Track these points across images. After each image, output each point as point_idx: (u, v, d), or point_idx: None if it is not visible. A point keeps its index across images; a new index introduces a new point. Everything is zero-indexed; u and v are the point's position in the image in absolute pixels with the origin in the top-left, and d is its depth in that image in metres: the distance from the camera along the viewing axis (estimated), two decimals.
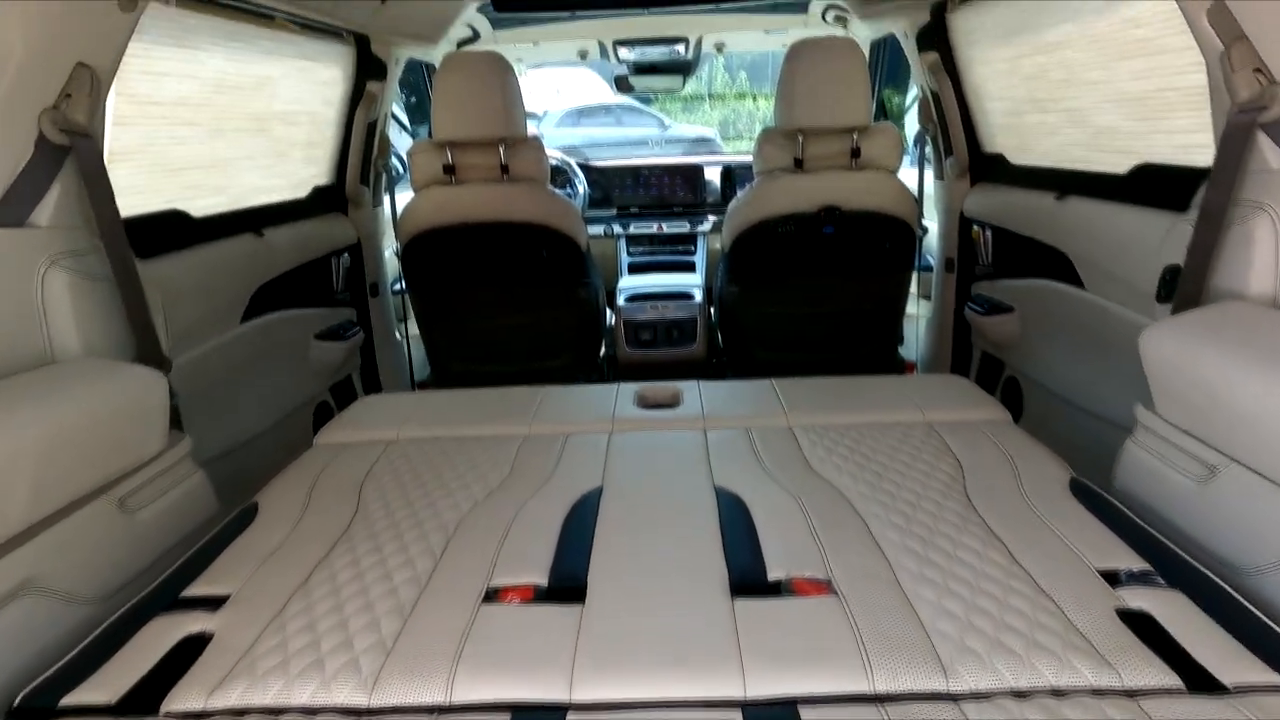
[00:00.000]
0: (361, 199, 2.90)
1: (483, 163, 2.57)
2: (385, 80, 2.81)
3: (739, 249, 2.65)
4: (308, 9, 2.06)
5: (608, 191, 4.27)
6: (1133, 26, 1.73)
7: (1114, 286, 1.88)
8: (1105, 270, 1.92)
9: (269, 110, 2.30)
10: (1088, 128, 2.06)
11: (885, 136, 2.56)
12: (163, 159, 1.90)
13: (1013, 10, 2.18)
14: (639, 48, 3.70)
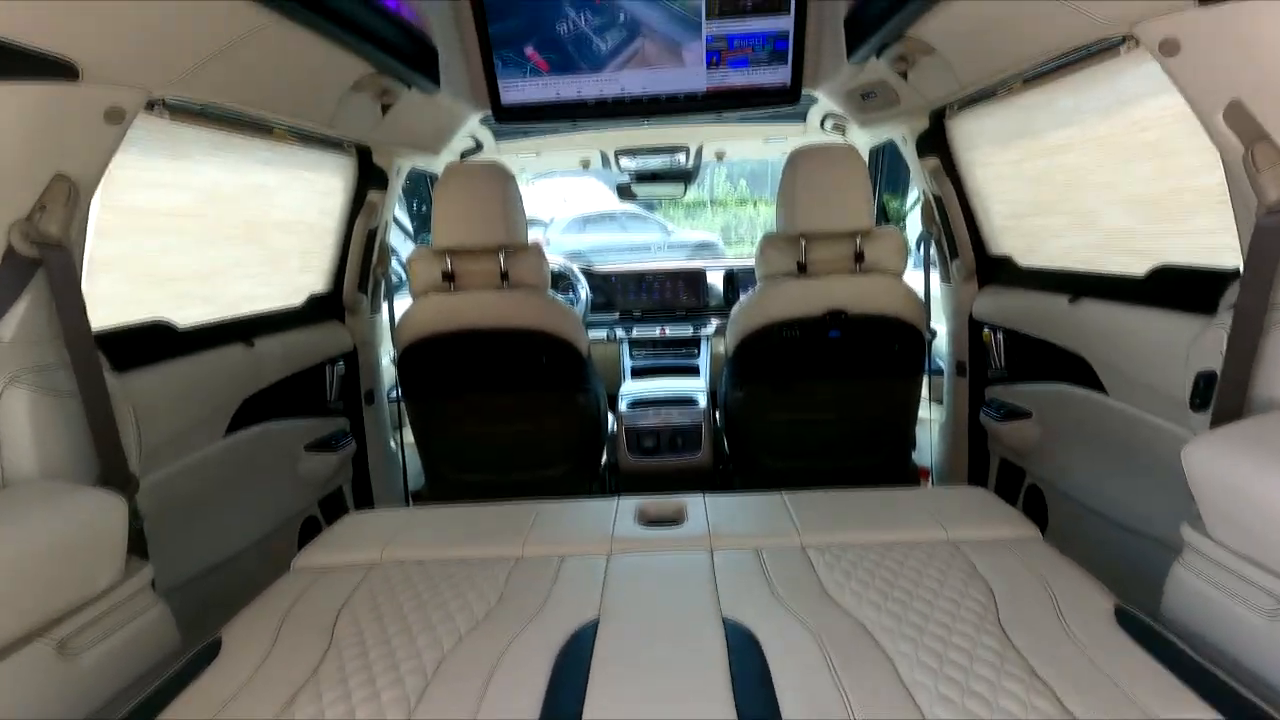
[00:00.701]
0: (359, 306, 2.86)
1: (482, 270, 2.54)
2: (386, 190, 2.82)
3: (743, 353, 2.58)
4: (308, 122, 2.07)
5: (610, 296, 4.26)
6: (1139, 130, 1.70)
7: (1141, 392, 1.79)
8: (1130, 375, 1.83)
9: (265, 219, 2.28)
10: (1098, 230, 2.02)
11: (889, 240, 2.53)
12: (149, 269, 1.85)
13: (1012, 115, 2.18)
14: (640, 157, 3.76)
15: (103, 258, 1.66)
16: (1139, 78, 1.63)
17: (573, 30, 2.46)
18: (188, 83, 1.46)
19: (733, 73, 2.55)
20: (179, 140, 1.79)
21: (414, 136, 2.73)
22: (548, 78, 2.57)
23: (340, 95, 2.02)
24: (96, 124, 1.33)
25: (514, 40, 2.48)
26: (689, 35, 2.46)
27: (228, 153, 1.99)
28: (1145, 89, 1.63)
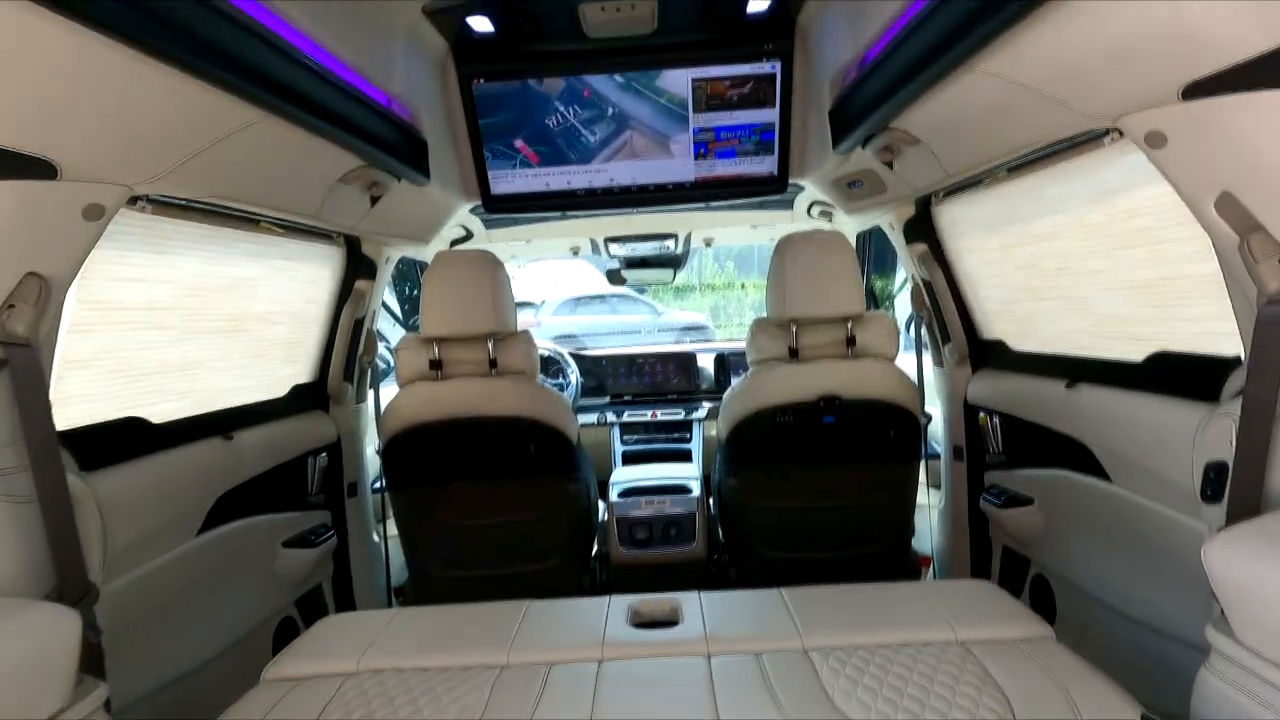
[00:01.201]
0: (344, 396, 2.80)
1: (470, 358, 2.50)
2: (375, 279, 2.80)
3: (736, 439, 2.52)
4: (295, 214, 2.06)
5: (601, 380, 4.23)
6: (1129, 217, 1.71)
7: (1146, 479, 1.74)
8: (1133, 462, 1.79)
9: (248, 311, 2.24)
10: (1092, 315, 2.01)
11: (880, 325, 2.52)
12: (124, 365, 1.80)
13: (998, 202, 2.20)
14: (630, 243, 3.79)
15: (76, 355, 1.61)
16: (1126, 168, 1.64)
17: (562, 123, 2.50)
18: (171, 179, 1.44)
19: (720, 163, 2.59)
20: (161, 234, 1.77)
21: (403, 227, 2.73)
22: (537, 169, 2.60)
23: (328, 187, 2.02)
24: (74, 221, 1.30)
25: (504, 133, 2.52)
26: (676, 127, 2.50)
27: (211, 245, 1.97)
28: (1133, 179, 1.64)
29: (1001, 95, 1.50)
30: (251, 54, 1.29)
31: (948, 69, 1.48)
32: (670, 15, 2.07)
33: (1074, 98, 1.38)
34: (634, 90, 2.43)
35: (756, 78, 2.39)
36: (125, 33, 0.98)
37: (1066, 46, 1.23)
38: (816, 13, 2.08)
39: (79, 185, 1.26)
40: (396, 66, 1.96)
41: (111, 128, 1.20)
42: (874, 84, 1.86)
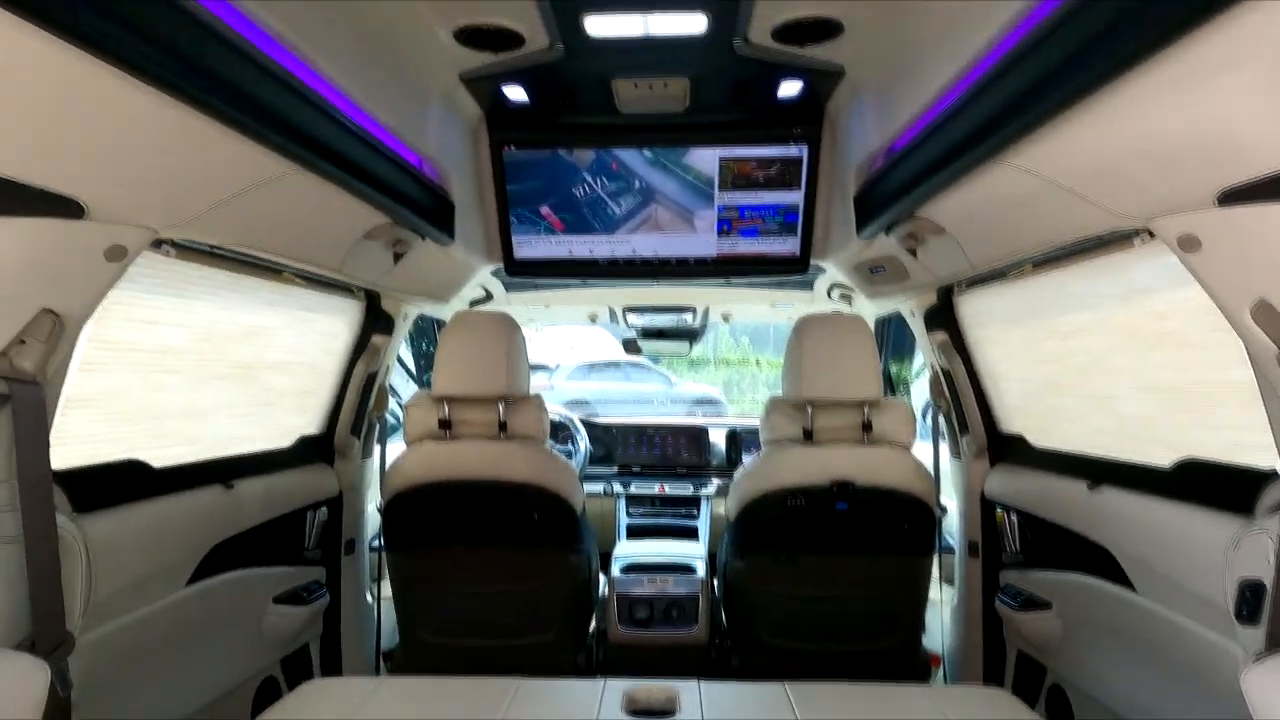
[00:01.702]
0: (349, 450, 2.77)
1: (480, 419, 2.48)
2: (392, 334, 2.80)
3: (745, 520, 2.46)
4: (317, 266, 2.07)
5: (610, 449, 4.18)
6: (1158, 319, 1.68)
7: (1174, 592, 1.66)
8: (1160, 573, 1.71)
9: (261, 359, 2.24)
10: (1116, 416, 1.96)
11: (897, 412, 2.48)
12: (130, 406, 1.78)
13: (1023, 296, 2.18)
14: (648, 314, 3.79)
15: (83, 394, 1.60)
16: (1156, 269, 1.62)
17: (589, 194, 2.52)
18: (196, 224, 1.45)
19: (743, 241, 2.59)
20: (182, 278, 1.77)
21: (424, 285, 2.74)
22: (562, 236, 2.61)
23: (353, 242, 2.03)
24: (95, 261, 1.30)
25: (531, 199, 2.54)
26: (701, 204, 2.52)
27: (231, 292, 1.97)
28: (1163, 280, 1.62)
29: (1031, 190, 1.49)
30: (287, 108, 1.30)
31: (977, 161, 1.48)
32: (702, 95, 2.11)
33: (1105, 197, 1.37)
34: (662, 165, 2.46)
35: (783, 160, 2.41)
36: (164, 79, 0.99)
37: (1100, 145, 1.22)
38: (846, 100, 2.11)
39: (104, 226, 1.26)
40: (430, 129, 1.99)
41: (141, 171, 1.21)
42: (901, 172, 1.87)
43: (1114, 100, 1.07)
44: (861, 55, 1.78)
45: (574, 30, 1.64)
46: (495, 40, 1.69)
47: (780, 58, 1.82)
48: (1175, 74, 0.96)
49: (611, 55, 1.83)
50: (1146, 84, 1.01)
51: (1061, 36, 1.06)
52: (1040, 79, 1.15)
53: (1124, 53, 0.96)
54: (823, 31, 1.65)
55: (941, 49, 1.46)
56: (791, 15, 1.57)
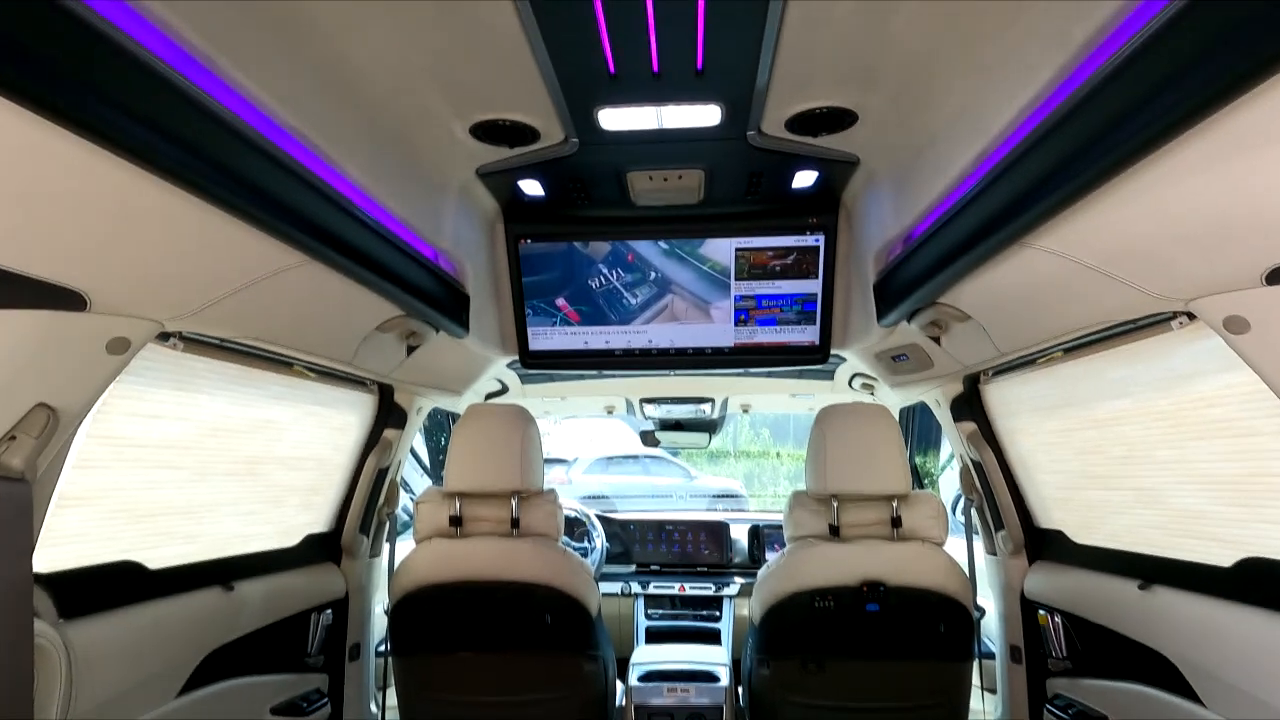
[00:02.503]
0: (357, 549, 2.68)
1: (492, 515, 2.40)
2: (404, 429, 2.75)
3: (770, 623, 2.31)
4: (328, 359, 2.04)
5: (628, 546, 4.04)
6: (1205, 405, 1.58)
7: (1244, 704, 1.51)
8: (1225, 682, 1.56)
9: (269, 454, 2.18)
10: (1165, 509, 1.84)
11: (928, 506, 2.36)
12: (128, 504, 1.72)
13: (1055, 383, 2.09)
14: (665, 405, 3.73)
15: (77, 491, 1.54)
16: (1198, 352, 1.54)
17: (605, 285, 2.51)
18: (204, 316, 1.42)
19: (760, 330, 2.55)
20: (189, 371, 1.74)
21: (438, 377, 2.71)
22: (577, 327, 2.59)
23: (365, 335, 2.01)
24: (96, 354, 1.26)
25: (547, 291, 2.53)
26: (718, 294, 2.50)
27: (240, 386, 1.94)
28: (1207, 364, 1.54)
29: (1060, 272, 1.44)
30: (300, 200, 1.29)
31: (1001, 245, 1.43)
32: (716, 186, 2.11)
33: (1141, 278, 1.31)
34: (677, 256, 2.45)
35: (800, 249, 2.40)
36: (171, 170, 0.98)
37: (1133, 224, 1.17)
38: (862, 188, 2.10)
39: (106, 318, 1.24)
40: (446, 223, 1.99)
41: (147, 262, 1.19)
42: (921, 259, 1.83)
43: (1147, 177, 1.03)
44: (876, 144, 1.77)
45: (588, 125, 1.65)
46: (511, 135, 1.70)
47: (794, 148, 1.82)
48: (1213, 147, 0.92)
49: (625, 148, 1.84)
50: (1182, 159, 0.96)
51: (1087, 114, 1.03)
52: (1065, 158, 1.11)
53: (1157, 127, 0.92)
54: (836, 122, 1.65)
55: (959, 133, 1.44)
56: (805, 106, 1.57)
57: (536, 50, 1.30)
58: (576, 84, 1.46)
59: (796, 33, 1.26)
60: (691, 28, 1.26)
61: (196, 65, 0.99)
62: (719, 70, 1.42)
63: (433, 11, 1.17)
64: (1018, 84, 1.19)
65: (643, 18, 1.23)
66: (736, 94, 1.53)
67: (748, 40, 1.30)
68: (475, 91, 1.48)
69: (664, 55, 1.36)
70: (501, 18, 1.19)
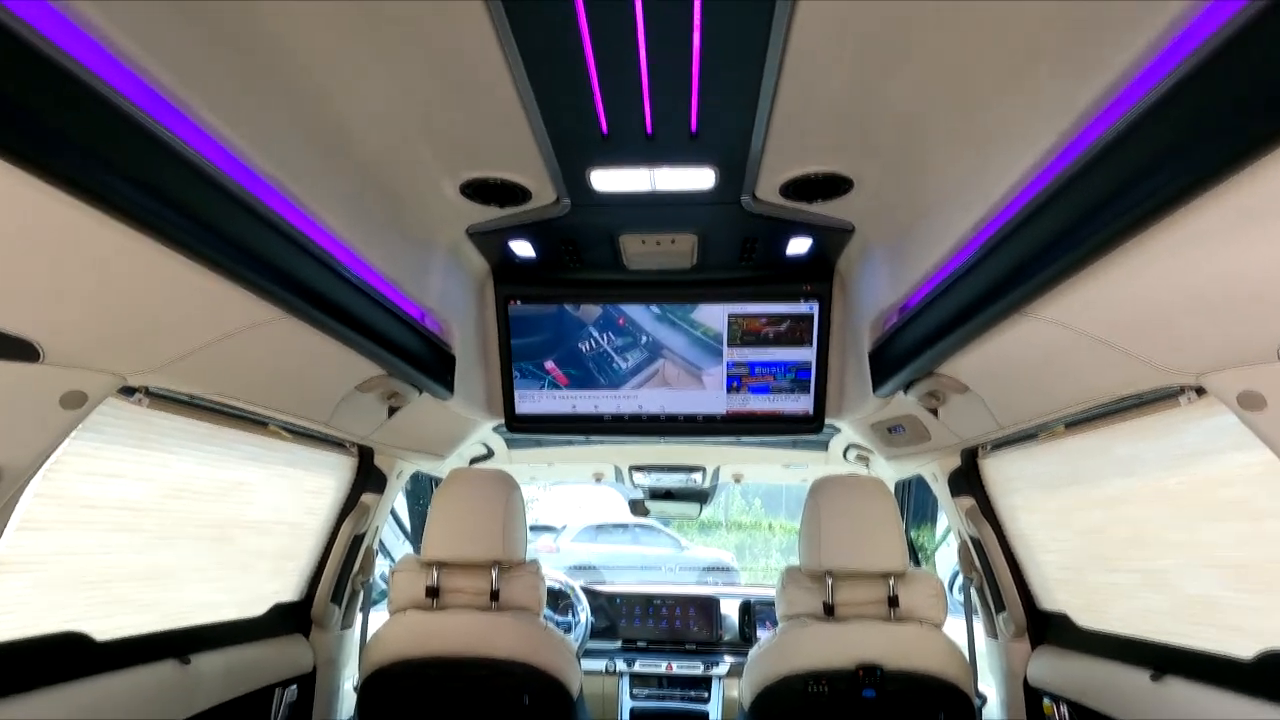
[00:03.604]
0: (328, 620, 2.54)
1: (471, 587, 2.29)
2: (383, 493, 2.65)
3: (761, 708, 2.19)
4: (303, 419, 1.96)
5: (613, 620, 3.89)
6: (1218, 485, 1.52)
7: None
8: None
9: (238, 518, 2.08)
10: (1176, 595, 1.75)
11: (926, 586, 2.27)
12: (77, 571, 1.60)
13: (1056, 459, 2.03)
14: (655, 473, 3.64)
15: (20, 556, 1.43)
16: (1209, 429, 1.48)
17: (595, 348, 2.46)
18: (170, 370, 1.36)
19: (753, 398, 2.49)
20: (155, 429, 1.66)
21: (420, 440, 2.63)
22: (566, 391, 2.53)
23: (344, 394, 1.94)
24: (48, 409, 1.19)
25: (536, 354, 2.48)
26: (710, 359, 2.45)
27: (208, 445, 1.85)
28: (1219, 441, 1.47)
29: (1062, 344, 1.39)
30: (277, 253, 1.24)
31: (1000, 315, 1.39)
32: (709, 251, 2.08)
33: (1148, 350, 1.26)
34: (669, 320, 2.41)
35: (794, 316, 2.36)
36: (136, 216, 0.93)
37: (1139, 296, 1.13)
38: (857, 256, 2.07)
39: (61, 370, 1.17)
40: (433, 281, 1.95)
41: (109, 312, 1.12)
42: (917, 329, 1.79)
43: (1154, 247, 0.99)
44: (872, 211, 1.75)
45: (580, 186, 1.63)
46: (502, 195, 1.67)
47: (789, 214, 1.79)
48: (1224, 217, 0.88)
49: (618, 210, 1.81)
50: (1191, 229, 0.92)
51: (1091, 182, 0.99)
52: (1068, 227, 1.07)
53: (1164, 196, 0.88)
54: (832, 188, 1.62)
55: (956, 201, 1.41)
56: (800, 172, 1.55)
57: (529, 109, 1.28)
58: (569, 144, 1.43)
59: (792, 98, 1.24)
60: (685, 91, 1.24)
61: (169, 108, 0.95)
62: (713, 134, 1.39)
63: (425, 67, 1.14)
64: (1017, 152, 1.16)
65: (636, 79, 1.21)
66: (731, 158, 1.50)
67: (742, 104, 1.27)
68: (466, 149, 1.45)
69: (657, 117, 1.33)
70: (494, 76, 1.17)
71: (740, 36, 1.08)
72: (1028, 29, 0.99)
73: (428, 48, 1.10)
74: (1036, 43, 1.00)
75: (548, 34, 1.06)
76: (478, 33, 1.05)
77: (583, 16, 1.03)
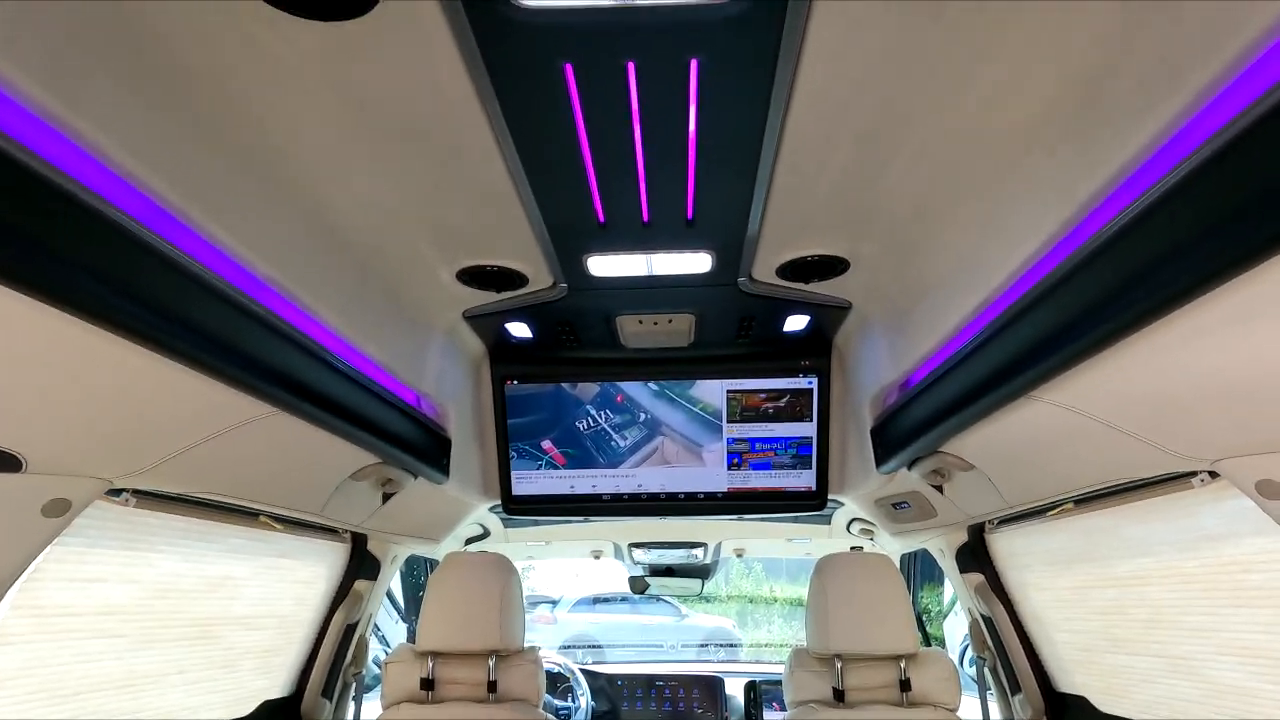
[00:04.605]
0: (319, 716, 2.43)
1: (468, 678, 2.21)
2: (376, 579, 2.57)
3: None
4: (295, 510, 1.91)
5: (615, 703, 3.75)
6: (1240, 571, 1.47)
7: None
8: None
9: (225, 614, 2.00)
10: (1203, 682, 1.68)
11: (939, 667, 2.19)
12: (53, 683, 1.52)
13: (1067, 536, 1.97)
14: (655, 550, 3.55)
15: None
16: (1225, 513, 1.44)
17: (593, 427, 2.42)
18: (159, 473, 1.31)
19: (754, 474, 2.45)
20: (141, 528, 1.60)
21: (415, 525, 2.56)
22: (563, 471, 2.48)
23: (338, 484, 1.89)
24: (29, 518, 1.14)
25: (532, 433, 2.44)
26: (710, 436, 2.41)
27: (196, 541, 1.79)
28: (1237, 525, 1.43)
29: (1071, 427, 1.36)
30: (267, 349, 1.22)
31: (1006, 399, 1.36)
32: (707, 330, 2.07)
33: (1160, 436, 1.24)
34: (668, 398, 2.38)
35: (793, 391, 2.33)
36: (120, 324, 0.90)
37: (1151, 383, 1.10)
38: (855, 332, 2.06)
39: (45, 478, 1.13)
40: (429, 365, 1.92)
41: (93, 419, 1.09)
42: (920, 408, 1.76)
43: (1166, 336, 0.97)
44: (869, 291, 1.74)
45: (577, 271, 1.62)
46: (499, 281, 1.66)
47: (786, 294, 1.79)
48: (1238, 308, 0.87)
49: (615, 293, 1.80)
50: (1204, 318, 0.91)
51: (1099, 270, 0.98)
52: (1077, 314, 1.05)
53: (1174, 290, 0.87)
54: (829, 269, 1.62)
55: (957, 283, 1.40)
56: (797, 254, 1.54)
57: (525, 199, 1.27)
58: (566, 233, 1.43)
59: (788, 184, 1.24)
60: (681, 180, 1.24)
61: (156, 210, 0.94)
62: (709, 220, 1.39)
63: (422, 163, 1.14)
64: (1019, 237, 1.16)
65: (633, 170, 1.21)
66: (727, 243, 1.50)
67: (738, 192, 1.27)
68: (463, 239, 1.44)
69: (654, 206, 1.33)
70: (492, 170, 1.17)
71: (736, 128, 1.08)
72: (1025, 122, 0.99)
73: (425, 145, 1.09)
74: (1034, 135, 1.01)
75: (544, 130, 1.06)
76: (475, 130, 1.05)
77: (579, 110, 1.03)
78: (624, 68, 0.95)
